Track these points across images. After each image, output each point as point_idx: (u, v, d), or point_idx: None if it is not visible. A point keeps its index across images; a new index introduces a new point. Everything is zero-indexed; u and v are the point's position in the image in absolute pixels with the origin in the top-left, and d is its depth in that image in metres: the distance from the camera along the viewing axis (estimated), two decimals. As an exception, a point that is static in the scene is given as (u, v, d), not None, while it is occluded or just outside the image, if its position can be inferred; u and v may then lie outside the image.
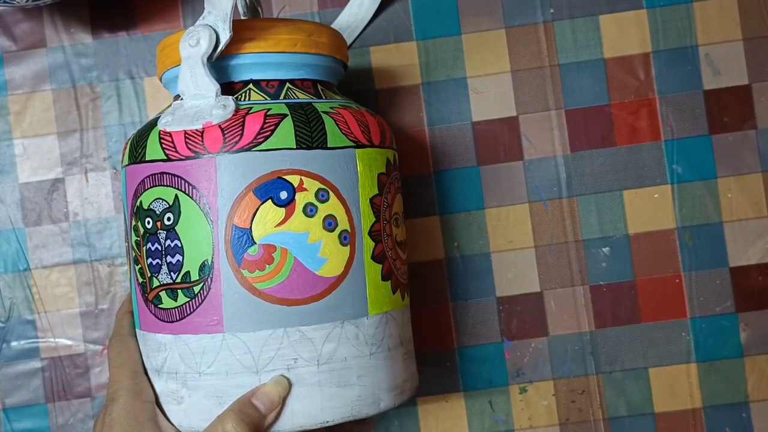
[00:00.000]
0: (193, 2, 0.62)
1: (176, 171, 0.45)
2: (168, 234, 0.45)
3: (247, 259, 0.44)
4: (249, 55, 0.47)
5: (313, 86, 0.49)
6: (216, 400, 0.45)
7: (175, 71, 0.48)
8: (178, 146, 0.45)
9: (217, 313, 0.44)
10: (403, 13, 0.62)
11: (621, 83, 0.61)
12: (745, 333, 0.61)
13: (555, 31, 0.62)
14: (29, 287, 0.61)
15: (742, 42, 0.61)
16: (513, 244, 0.61)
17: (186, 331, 0.45)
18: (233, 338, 0.44)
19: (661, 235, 0.61)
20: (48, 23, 0.62)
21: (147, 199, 0.46)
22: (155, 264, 0.46)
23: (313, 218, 0.45)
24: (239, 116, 0.45)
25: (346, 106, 0.48)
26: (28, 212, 0.62)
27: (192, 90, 0.45)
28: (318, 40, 0.49)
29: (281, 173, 0.44)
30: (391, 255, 0.49)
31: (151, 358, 0.48)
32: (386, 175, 0.49)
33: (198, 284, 0.45)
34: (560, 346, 0.61)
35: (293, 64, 0.48)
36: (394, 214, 0.50)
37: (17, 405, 0.61)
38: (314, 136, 0.45)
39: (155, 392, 0.47)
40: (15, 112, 0.62)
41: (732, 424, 0.61)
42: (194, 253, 0.45)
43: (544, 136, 0.61)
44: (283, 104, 0.46)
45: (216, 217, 0.44)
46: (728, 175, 0.61)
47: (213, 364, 0.45)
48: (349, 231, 0.46)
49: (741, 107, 0.61)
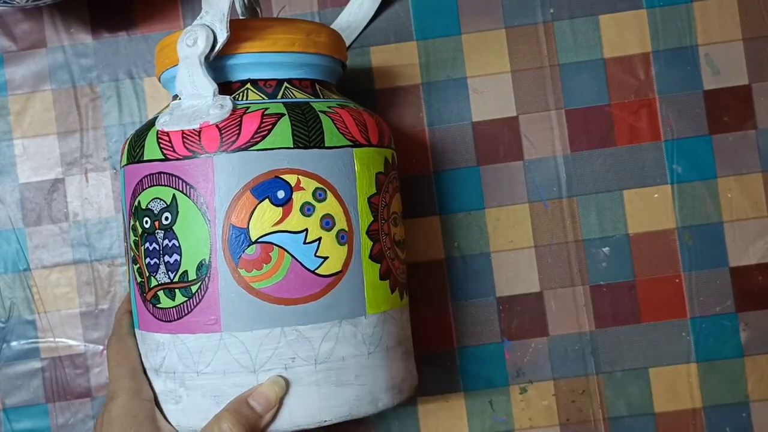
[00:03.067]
0: (193, 2, 0.62)
1: (174, 171, 0.45)
2: (166, 233, 0.45)
3: (244, 258, 0.44)
4: (247, 55, 0.47)
5: (312, 86, 0.49)
6: (213, 400, 0.45)
7: (174, 71, 0.48)
8: (175, 146, 0.45)
9: (214, 312, 0.44)
10: (403, 13, 0.62)
11: (621, 83, 0.61)
12: (745, 333, 0.61)
13: (555, 31, 0.62)
14: (29, 287, 0.61)
15: (742, 42, 0.61)
16: (513, 244, 0.61)
17: (184, 331, 0.45)
18: (231, 338, 0.44)
19: (661, 235, 0.61)
20: (48, 23, 0.62)
21: (145, 198, 0.46)
22: (153, 263, 0.46)
23: (310, 217, 0.45)
24: (236, 116, 0.45)
25: (344, 106, 0.48)
26: (28, 212, 0.62)
27: (189, 90, 0.46)
28: (316, 39, 0.49)
29: (278, 172, 0.44)
30: (389, 254, 0.49)
31: (150, 357, 0.48)
32: (384, 175, 0.49)
33: (195, 284, 0.45)
34: (560, 346, 0.61)
35: (291, 64, 0.48)
36: (393, 213, 0.50)
37: (17, 405, 0.61)
38: (311, 135, 0.45)
39: (154, 391, 0.47)
40: (15, 112, 0.62)
41: (732, 424, 0.61)
42: (192, 253, 0.45)
43: (544, 136, 0.61)
44: (280, 104, 0.46)
45: (213, 217, 0.44)
46: (728, 175, 0.61)
47: (211, 364, 0.45)
48: (346, 230, 0.46)
49: (741, 107, 0.61)
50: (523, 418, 0.61)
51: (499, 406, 0.61)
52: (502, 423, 0.61)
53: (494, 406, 0.61)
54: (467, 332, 0.61)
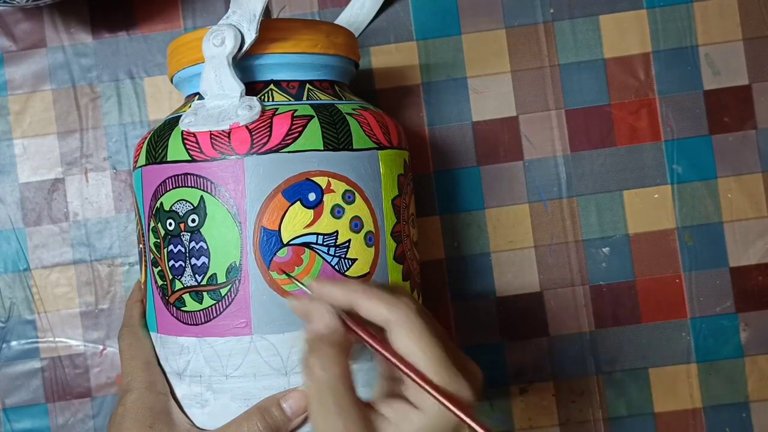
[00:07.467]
0: (193, 2, 0.62)
1: (201, 172, 0.44)
2: (192, 236, 0.45)
3: (276, 260, 0.44)
4: (271, 56, 0.47)
5: (332, 87, 0.49)
6: (243, 403, 0.44)
7: (189, 71, 0.48)
8: (203, 147, 0.44)
9: (245, 315, 0.44)
10: (403, 13, 0.62)
11: (621, 83, 0.61)
12: (745, 333, 0.61)
13: (555, 31, 0.62)
14: (29, 287, 0.61)
15: (742, 42, 0.61)
16: (513, 244, 0.61)
17: (212, 334, 0.45)
18: (261, 340, 0.44)
19: (661, 235, 0.61)
20: (48, 23, 0.62)
21: (169, 200, 0.46)
22: (178, 266, 0.45)
23: (340, 219, 0.45)
24: (266, 117, 0.44)
25: (366, 108, 0.48)
26: (28, 212, 0.62)
27: (215, 90, 0.45)
28: (335, 41, 0.48)
29: (309, 175, 0.44)
30: (409, 255, 0.49)
31: (171, 361, 0.47)
32: (404, 176, 0.49)
33: (225, 286, 0.44)
34: (560, 346, 0.61)
35: (313, 65, 0.48)
36: (411, 214, 0.50)
37: (17, 405, 0.61)
38: (340, 137, 0.45)
39: (174, 394, 0.47)
40: (15, 112, 0.62)
41: (732, 424, 0.61)
42: (221, 255, 0.44)
43: (544, 136, 0.61)
44: (308, 105, 0.46)
45: (244, 219, 0.44)
46: (728, 175, 0.61)
47: (240, 367, 0.44)
48: (373, 232, 0.46)
49: (741, 107, 0.61)
50: (523, 418, 0.61)
51: (499, 406, 0.61)
52: (502, 423, 0.61)
53: (494, 406, 0.61)
54: (467, 332, 0.61)
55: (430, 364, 0.38)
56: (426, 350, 0.38)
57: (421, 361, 0.38)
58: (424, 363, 0.38)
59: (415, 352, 0.38)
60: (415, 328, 0.39)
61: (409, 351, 0.39)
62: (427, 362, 0.38)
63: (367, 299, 0.40)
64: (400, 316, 0.39)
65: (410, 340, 0.39)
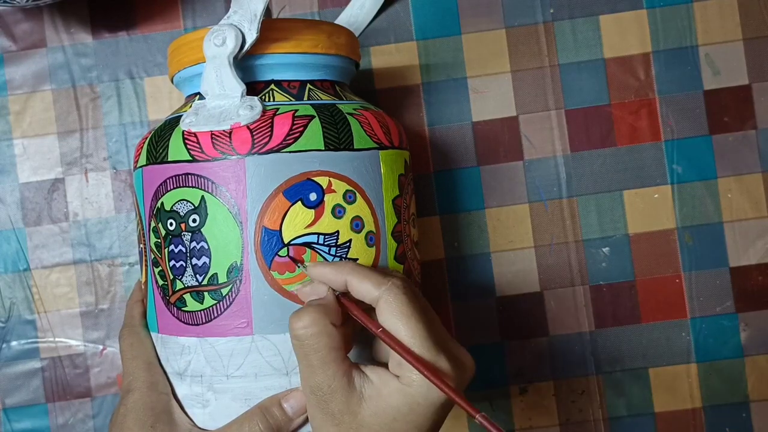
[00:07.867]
0: (193, 2, 0.62)
1: (202, 172, 0.44)
2: (193, 236, 0.45)
3: (277, 260, 0.44)
4: (272, 56, 0.47)
5: (332, 87, 0.49)
6: (244, 403, 0.44)
7: (191, 71, 0.48)
8: (204, 147, 0.44)
9: (246, 315, 0.44)
10: (403, 13, 0.62)
11: (621, 83, 0.61)
12: (745, 333, 0.61)
13: (555, 31, 0.62)
14: (29, 287, 0.61)
15: (742, 42, 0.61)
16: (513, 244, 0.61)
17: (212, 334, 0.45)
18: (263, 340, 0.44)
19: (661, 235, 0.61)
20: (48, 23, 0.62)
21: (169, 200, 0.46)
22: (179, 266, 0.45)
23: (341, 219, 0.45)
24: (267, 117, 0.44)
25: (367, 108, 0.48)
26: (28, 212, 0.62)
27: (216, 90, 0.45)
28: (337, 41, 0.49)
29: (310, 175, 0.44)
30: (410, 255, 0.49)
31: (172, 361, 0.47)
32: (405, 176, 0.49)
33: (226, 286, 0.44)
34: (560, 346, 0.61)
35: (314, 65, 0.48)
36: (412, 214, 0.50)
37: (17, 405, 0.61)
38: (341, 137, 0.45)
39: (174, 392, 0.47)
40: (15, 112, 0.62)
41: (732, 424, 0.61)
42: (222, 255, 0.44)
43: (544, 136, 0.61)
44: (309, 105, 0.46)
45: (245, 219, 0.44)
46: (728, 175, 0.61)
47: (241, 367, 0.44)
48: (374, 232, 0.46)
49: (741, 107, 0.61)
50: (523, 418, 0.61)
51: (498, 406, 0.61)
52: (502, 423, 0.61)
53: (494, 406, 0.61)
54: (467, 332, 0.61)
55: (412, 340, 0.40)
56: (408, 326, 0.40)
57: (404, 337, 0.40)
58: (406, 339, 0.40)
59: (399, 328, 0.40)
60: (399, 305, 0.40)
61: (393, 327, 0.40)
62: (409, 338, 0.40)
63: (358, 278, 0.42)
64: (386, 294, 0.41)
65: (393, 316, 0.40)
